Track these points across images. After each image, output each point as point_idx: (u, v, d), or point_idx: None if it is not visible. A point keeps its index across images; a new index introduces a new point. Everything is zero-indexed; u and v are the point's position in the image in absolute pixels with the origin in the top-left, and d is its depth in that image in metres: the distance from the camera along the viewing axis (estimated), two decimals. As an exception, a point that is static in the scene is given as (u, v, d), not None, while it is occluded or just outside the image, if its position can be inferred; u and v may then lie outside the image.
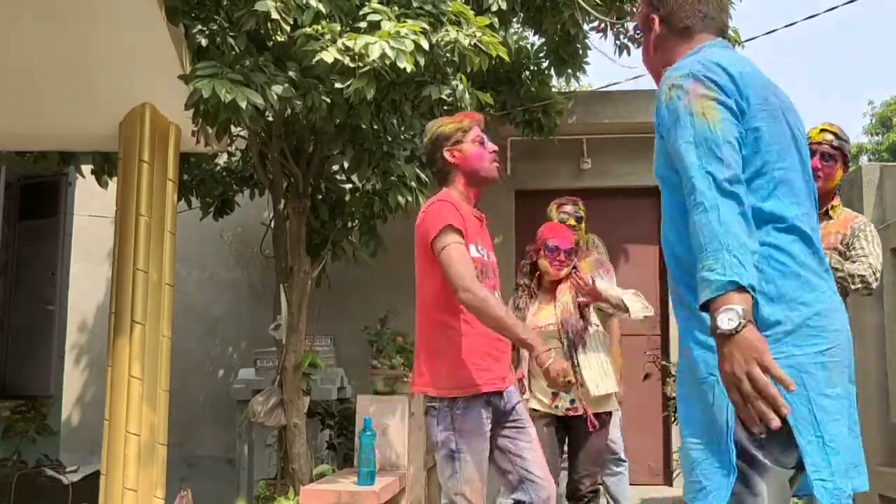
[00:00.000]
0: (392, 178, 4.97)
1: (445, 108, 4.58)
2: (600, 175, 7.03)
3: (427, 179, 5.12)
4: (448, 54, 4.25)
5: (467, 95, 4.52)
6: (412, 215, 5.34)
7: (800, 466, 1.69)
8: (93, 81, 3.62)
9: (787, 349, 1.68)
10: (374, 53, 3.84)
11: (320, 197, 5.31)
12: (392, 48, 3.86)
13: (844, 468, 1.69)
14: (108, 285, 6.38)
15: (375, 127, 4.79)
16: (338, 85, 4.03)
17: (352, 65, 3.95)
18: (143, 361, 3.61)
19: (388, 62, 3.87)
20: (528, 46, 6.28)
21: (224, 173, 5.80)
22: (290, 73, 4.10)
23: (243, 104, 3.69)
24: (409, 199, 4.98)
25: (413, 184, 5.00)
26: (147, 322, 3.64)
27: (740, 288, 1.55)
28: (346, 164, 5.31)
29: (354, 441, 5.05)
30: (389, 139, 4.98)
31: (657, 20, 2.04)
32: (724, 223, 1.61)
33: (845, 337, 1.78)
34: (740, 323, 1.52)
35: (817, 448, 1.67)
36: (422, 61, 3.98)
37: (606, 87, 7.06)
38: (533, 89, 6.13)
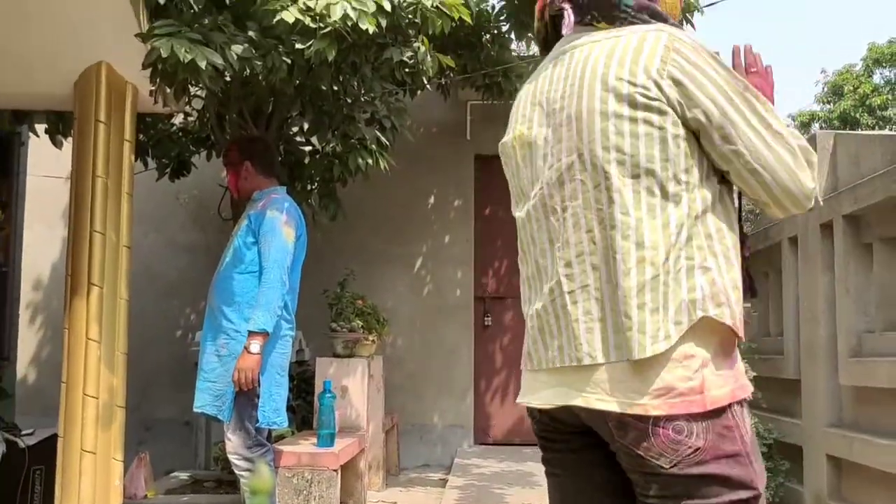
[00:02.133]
0: (352, 140, 4.96)
1: (406, 70, 4.58)
2: (558, 140, 7.07)
3: (387, 142, 5.13)
4: (410, 16, 4.24)
5: (429, 58, 4.52)
6: (372, 179, 5.42)
7: None
8: (46, 39, 3.51)
9: None
10: (336, 14, 3.83)
11: (280, 159, 5.28)
12: (354, 9, 3.84)
13: None
14: (62, 246, 6.34)
15: (335, 89, 4.78)
16: (298, 46, 4.02)
17: (313, 25, 3.94)
18: (100, 324, 3.56)
19: (349, 23, 3.87)
20: (489, 9, 6.27)
21: (180, 134, 5.70)
22: (250, 34, 4.06)
23: (202, 64, 3.65)
24: (370, 161, 4.97)
25: (373, 146, 4.99)
26: (105, 284, 3.58)
27: None
28: (305, 127, 5.27)
29: (313, 403, 5.11)
30: (349, 101, 4.96)
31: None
32: None
33: None
34: None
35: None
36: (384, 23, 3.98)
37: (566, 51, 7.05)
38: (493, 53, 6.08)
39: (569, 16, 1.66)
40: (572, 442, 1.66)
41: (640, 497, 1.54)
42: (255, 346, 3.60)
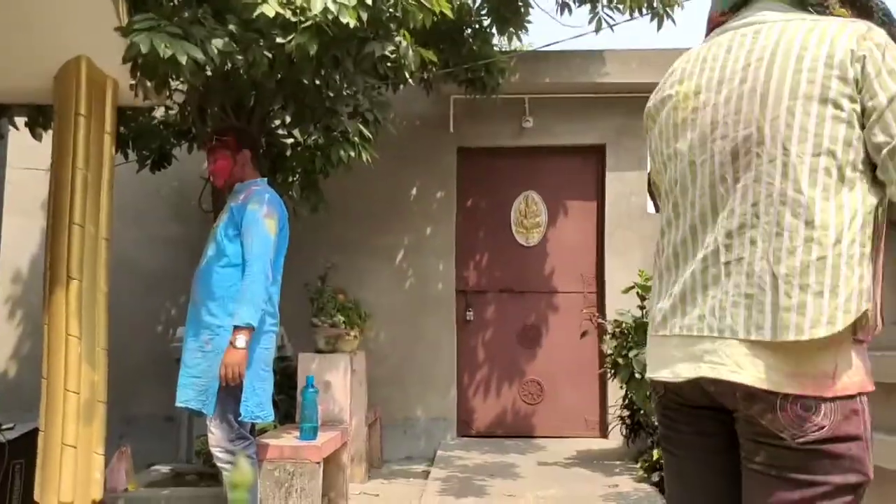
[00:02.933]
0: (334, 133, 4.92)
1: (389, 64, 4.55)
2: (541, 133, 7.09)
3: (370, 135, 5.09)
4: (391, 9, 4.19)
5: (411, 52, 4.48)
6: (354, 172, 5.40)
7: None
8: (25, 33, 3.49)
9: None
10: (317, 8, 3.78)
11: (261, 151, 5.25)
12: (334, 2, 3.79)
13: None
14: (42, 238, 6.29)
15: (317, 83, 4.73)
16: (279, 40, 3.97)
17: (293, 19, 3.89)
18: (80, 319, 3.52)
19: (330, 17, 3.81)
20: (470, 3, 6.23)
21: (161, 126, 5.65)
22: (231, 27, 3.98)
23: (183, 59, 3.58)
24: (352, 154, 4.93)
25: (356, 139, 4.95)
26: (84, 277, 3.54)
27: None
28: (287, 120, 5.24)
29: (296, 398, 5.09)
30: (331, 95, 4.91)
31: None
32: None
33: None
34: None
35: None
36: (364, 16, 3.91)
37: (548, 45, 7.06)
38: (475, 48, 6.07)
39: None
40: (698, 423, 1.66)
41: (744, 461, 1.57)
42: (241, 340, 3.56)
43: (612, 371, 5.83)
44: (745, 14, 1.70)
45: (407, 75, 4.74)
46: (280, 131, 5.46)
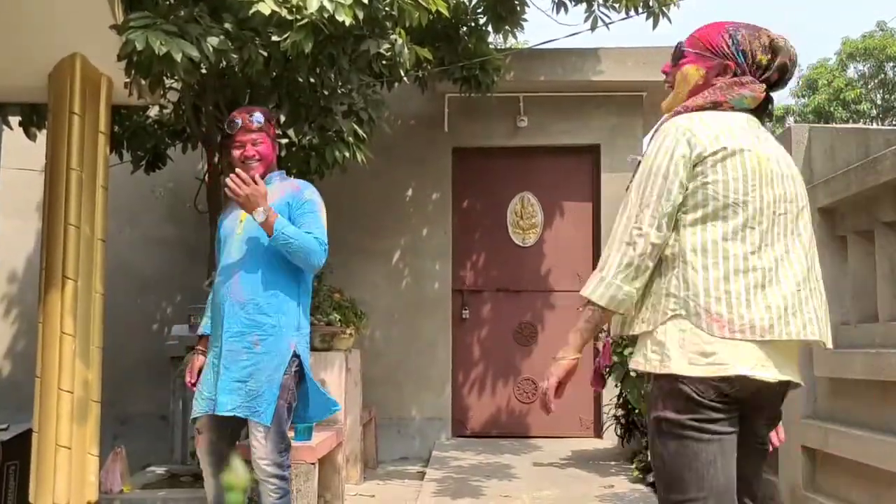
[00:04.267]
0: (329, 133, 4.91)
1: (384, 62, 4.56)
2: (536, 133, 7.09)
3: (364, 135, 5.08)
4: (387, 8, 4.21)
5: (406, 50, 4.49)
6: (350, 172, 5.38)
7: None
8: (20, 31, 3.50)
9: None
10: (313, 6, 3.81)
11: (256, 151, 5.26)
12: (331, 1, 3.81)
13: None
14: (37, 239, 6.28)
15: (312, 81, 4.73)
16: (274, 38, 3.98)
17: (289, 17, 3.90)
18: (75, 318, 3.52)
19: (326, 15, 3.82)
20: (466, 1, 6.22)
21: (156, 126, 5.64)
22: (227, 25, 4.00)
23: (178, 56, 3.59)
24: (347, 154, 4.91)
25: (350, 139, 4.92)
26: (79, 278, 3.55)
27: None
28: (282, 119, 5.23)
29: (290, 397, 5.08)
30: (326, 94, 4.90)
31: None
32: None
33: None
34: None
35: None
36: (360, 15, 3.92)
37: (543, 43, 7.03)
38: (471, 45, 6.06)
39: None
40: (735, 409, 2.11)
41: (757, 444, 2.20)
42: (269, 215, 3.18)
43: (608, 369, 5.76)
44: (748, 116, 2.26)
45: (402, 73, 4.76)
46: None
